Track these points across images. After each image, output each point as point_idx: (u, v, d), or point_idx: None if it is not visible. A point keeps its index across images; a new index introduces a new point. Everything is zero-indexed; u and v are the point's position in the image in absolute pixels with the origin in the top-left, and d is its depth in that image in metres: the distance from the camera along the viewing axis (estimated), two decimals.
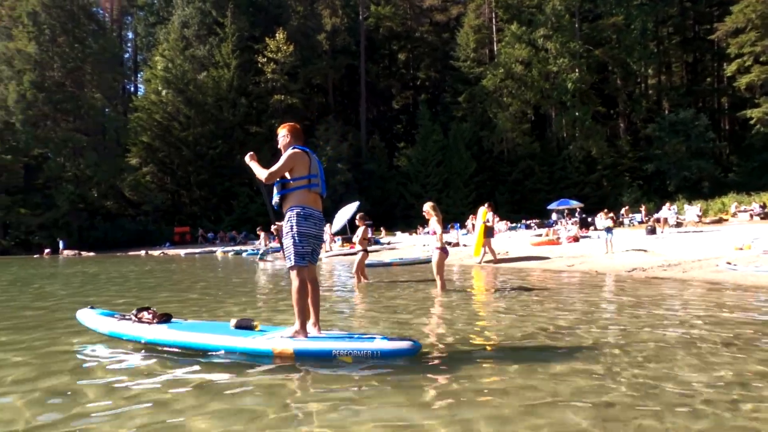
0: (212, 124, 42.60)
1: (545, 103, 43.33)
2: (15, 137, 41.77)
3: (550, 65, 41.88)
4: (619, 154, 42.62)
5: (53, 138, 41.92)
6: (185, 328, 4.23)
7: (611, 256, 11.88)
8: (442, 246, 7.76)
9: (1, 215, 40.22)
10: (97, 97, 46.44)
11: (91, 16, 49.18)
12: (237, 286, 10.09)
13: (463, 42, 46.67)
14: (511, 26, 42.76)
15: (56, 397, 3.08)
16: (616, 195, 38.13)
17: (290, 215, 3.90)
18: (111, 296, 8.65)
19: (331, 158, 40.93)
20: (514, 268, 12.09)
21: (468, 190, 42.36)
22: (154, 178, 44.25)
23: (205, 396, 3.00)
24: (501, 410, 2.65)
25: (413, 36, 55.52)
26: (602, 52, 42.92)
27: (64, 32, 43.26)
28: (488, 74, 43.48)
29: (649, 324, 4.78)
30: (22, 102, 40.96)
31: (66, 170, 42.21)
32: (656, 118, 41.29)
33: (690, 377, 3.11)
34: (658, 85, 48.37)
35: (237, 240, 35.78)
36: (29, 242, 39.65)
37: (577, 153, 41.56)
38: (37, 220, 40.07)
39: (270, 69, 42.79)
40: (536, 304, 6.19)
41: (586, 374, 3.21)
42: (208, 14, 45.83)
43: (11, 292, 10.03)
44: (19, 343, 4.69)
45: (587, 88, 42.29)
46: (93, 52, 45.00)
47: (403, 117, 56.29)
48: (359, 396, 2.94)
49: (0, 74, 43.11)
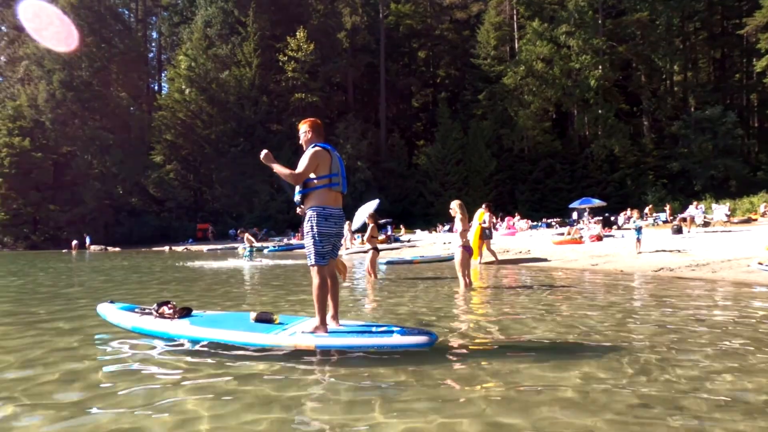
0: (234, 122, 43.15)
1: (567, 100, 42.79)
2: (45, 135, 42.95)
3: (572, 62, 41.33)
4: (642, 153, 41.88)
5: (81, 136, 42.95)
6: (207, 323, 4.31)
7: (638, 256, 11.71)
8: (464, 244, 7.79)
9: (31, 211, 41.45)
10: (122, 95, 47.45)
11: (117, 16, 50.28)
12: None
13: (484, 39, 46.37)
14: (533, 23, 42.32)
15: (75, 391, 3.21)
16: (640, 194, 37.49)
17: (311, 215, 3.95)
18: (150, 290, 8.88)
19: (350, 156, 41.11)
20: (537, 267, 12.03)
21: (488, 189, 42.13)
22: (177, 175, 45.01)
23: (230, 386, 3.10)
24: (530, 407, 2.67)
25: (433, 34, 55.34)
26: (626, 49, 42.19)
27: (91, 32, 44.27)
28: (509, 72, 43.13)
29: (679, 325, 4.74)
30: (52, 101, 42.09)
31: (93, 167, 43.24)
32: (682, 116, 40.45)
33: (724, 380, 3.09)
34: (684, 82, 47.30)
35: (258, 236, 36.20)
36: (58, 237, 40.77)
37: (599, 151, 40.97)
38: (65, 216, 41.18)
39: (290, 67, 43.14)
40: (561, 303, 6.18)
41: (616, 374, 3.21)
42: (231, 14, 46.40)
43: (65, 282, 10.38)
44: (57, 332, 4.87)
45: (610, 86, 41.64)
46: (119, 52, 45.97)
47: (423, 115, 56.19)
48: (382, 391, 3.00)
49: (30, 74, 44.32)
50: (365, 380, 3.18)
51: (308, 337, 3.87)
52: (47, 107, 42.31)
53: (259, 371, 3.42)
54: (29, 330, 5.00)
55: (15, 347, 4.24)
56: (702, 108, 39.50)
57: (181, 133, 43.86)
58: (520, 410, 2.62)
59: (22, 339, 4.58)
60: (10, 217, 41.02)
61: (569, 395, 2.82)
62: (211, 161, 43.18)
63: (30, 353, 4.01)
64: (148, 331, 4.39)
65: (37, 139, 42.16)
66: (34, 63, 44.40)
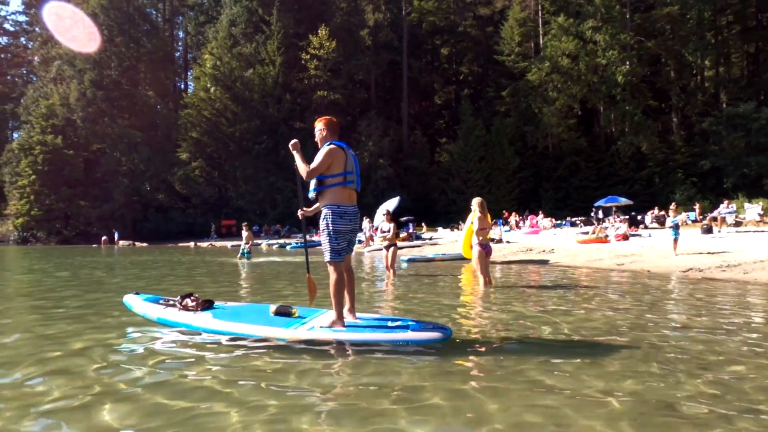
0: (258, 119, 43.64)
1: (593, 97, 41.97)
2: (76, 133, 44.13)
3: (598, 58, 40.50)
4: (671, 150, 40.80)
5: (110, 134, 44.04)
6: (228, 316, 4.45)
7: (674, 257, 11.40)
8: (480, 242, 7.75)
9: (63, 207, 42.72)
10: (150, 94, 48.43)
11: (145, 16, 51.28)
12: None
13: (508, 36, 45.82)
14: (558, 18, 41.59)
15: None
16: (668, 192, 36.56)
17: (326, 213, 4.06)
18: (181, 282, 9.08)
19: (372, 154, 41.18)
20: (560, 266, 11.86)
21: (511, 187, 41.70)
22: (202, 172, 45.77)
23: (251, 379, 3.16)
24: (554, 407, 2.66)
25: (456, 30, 54.87)
26: (655, 44, 41.13)
27: (120, 33, 45.28)
28: (533, 68, 42.51)
29: (709, 327, 4.63)
30: (83, 100, 43.21)
31: (122, 165, 44.28)
32: (713, 112, 39.25)
33: (754, 384, 3.01)
34: (715, 77, 45.87)
35: (281, 233, 36.61)
36: (88, 232, 41.90)
37: (626, 149, 40.09)
38: (95, 211, 42.30)
39: (313, 65, 43.38)
40: (584, 302, 6.10)
41: (643, 375, 3.16)
42: (255, 12, 46.88)
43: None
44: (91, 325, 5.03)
45: (638, 82, 40.63)
46: (147, 52, 46.88)
47: (445, 112, 55.85)
48: (399, 388, 3.01)
49: (63, 74, 45.57)
50: (382, 375, 3.21)
51: (326, 331, 3.99)
52: (78, 106, 43.53)
53: (276, 363, 3.48)
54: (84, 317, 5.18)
55: (61, 333, 4.41)
56: (734, 104, 38.23)
57: (206, 131, 44.56)
58: (542, 409, 2.60)
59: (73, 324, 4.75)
60: (43, 212, 42.36)
61: (592, 395, 2.79)
62: (235, 158, 43.78)
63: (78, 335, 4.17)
64: (172, 322, 4.56)
65: (68, 137, 43.40)
66: (66, 63, 45.69)
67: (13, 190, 44.89)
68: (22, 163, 43.30)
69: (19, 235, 43.65)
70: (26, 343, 4.25)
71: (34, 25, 62.01)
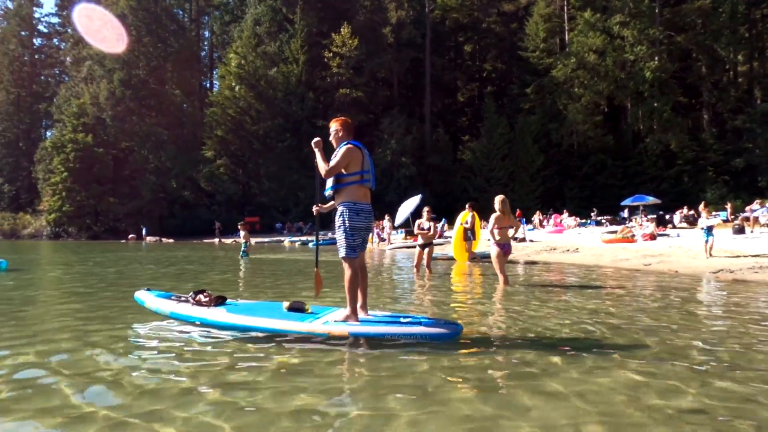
0: (281, 118, 44.05)
1: (620, 93, 41.11)
2: (105, 131, 45.25)
3: (626, 54, 39.64)
4: (702, 148, 39.66)
5: (138, 132, 45.02)
6: (242, 312, 4.49)
7: (696, 255, 11.14)
8: (497, 241, 7.67)
9: (93, 203, 43.90)
10: (176, 93, 49.34)
11: (172, 16, 52.28)
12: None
13: (533, 32, 45.20)
14: (584, 14, 40.84)
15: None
16: (698, 191, 35.58)
17: (342, 210, 4.13)
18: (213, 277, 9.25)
19: (395, 151, 41.15)
20: (585, 265, 11.66)
21: (535, 185, 41.18)
22: (227, 169, 46.42)
23: (266, 371, 3.20)
24: (576, 409, 2.62)
25: (480, 27, 54.36)
26: (685, 39, 40.04)
27: (148, 33, 46.23)
28: (559, 64, 41.86)
29: (739, 332, 4.48)
30: (112, 99, 44.28)
31: (149, 162, 45.24)
32: (747, 109, 38.04)
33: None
34: (749, 73, 44.40)
35: (303, 230, 36.91)
36: (117, 228, 42.97)
37: (654, 146, 39.17)
38: (123, 208, 43.35)
39: (335, 63, 43.56)
40: (607, 302, 5.97)
41: (669, 378, 3.08)
42: (279, 11, 47.32)
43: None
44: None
45: (667, 77, 39.61)
46: (174, 51, 47.72)
47: (468, 110, 55.44)
48: (415, 386, 3.00)
49: (93, 73, 46.75)
50: (396, 370, 3.21)
51: (341, 325, 4.10)
52: (108, 105, 44.65)
53: (292, 357, 3.52)
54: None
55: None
56: None
57: (231, 129, 45.17)
58: (564, 411, 2.56)
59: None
60: (74, 208, 43.60)
61: (615, 399, 2.73)
62: (258, 156, 44.31)
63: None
64: (186, 316, 4.60)
65: (98, 135, 44.56)
66: (96, 63, 46.89)
67: (47, 187, 46.36)
68: (54, 161, 44.65)
69: (52, 230, 45.05)
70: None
71: (66, 27, 63.86)
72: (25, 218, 51.02)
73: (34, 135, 61.39)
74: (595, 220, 29.43)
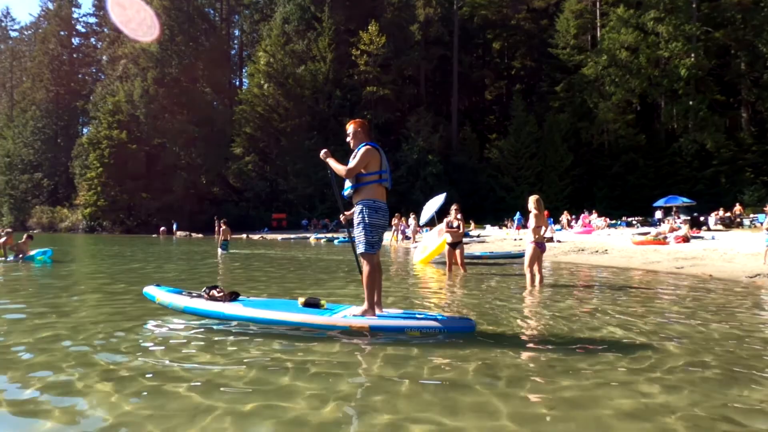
0: (308, 115, 44.41)
1: (653, 91, 40.02)
2: (139, 128, 46.47)
3: (660, 50, 38.55)
4: (739, 148, 38.28)
5: (170, 129, 46.10)
6: (259, 306, 4.54)
7: (731, 258, 10.80)
8: (537, 240, 7.62)
9: (126, 198, 45.20)
10: (207, 91, 50.30)
11: (203, 16, 53.27)
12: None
13: (563, 28, 44.39)
14: (617, 10, 39.87)
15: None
16: (736, 192, 34.38)
17: (362, 207, 4.27)
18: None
19: (421, 149, 41.02)
20: (616, 267, 11.44)
21: (563, 185, 40.50)
22: (255, 166, 47.09)
23: (285, 367, 3.27)
24: (597, 412, 2.60)
25: (509, 24, 53.65)
26: (724, 35, 38.69)
27: (181, 32, 47.24)
28: (589, 62, 41.03)
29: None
30: (146, 96, 45.42)
31: (180, 159, 46.29)
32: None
33: None
34: None
35: (329, 227, 37.20)
36: (149, 223, 44.15)
37: (688, 146, 37.99)
38: (155, 203, 44.49)
39: (363, 61, 43.65)
40: (636, 305, 5.87)
41: (698, 384, 3.03)
42: (307, 10, 47.67)
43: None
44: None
45: (703, 75, 38.36)
46: (205, 50, 48.62)
47: (496, 108, 54.85)
48: (439, 384, 3.03)
49: (128, 72, 48.06)
50: (417, 364, 3.26)
51: (359, 319, 4.20)
52: (142, 102, 45.86)
53: (311, 352, 3.58)
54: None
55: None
56: None
57: (259, 127, 45.78)
58: (585, 414, 2.56)
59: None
60: (109, 203, 45.01)
61: (642, 403, 2.71)
62: (286, 153, 44.78)
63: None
64: (201, 311, 4.59)
65: (132, 131, 45.85)
66: (131, 61, 48.25)
67: (83, 182, 48.01)
68: (90, 157, 46.14)
69: (87, 224, 46.59)
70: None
71: (103, 26, 65.84)
72: (63, 212, 52.97)
73: (72, 131, 63.59)
74: (625, 221, 28.80)
